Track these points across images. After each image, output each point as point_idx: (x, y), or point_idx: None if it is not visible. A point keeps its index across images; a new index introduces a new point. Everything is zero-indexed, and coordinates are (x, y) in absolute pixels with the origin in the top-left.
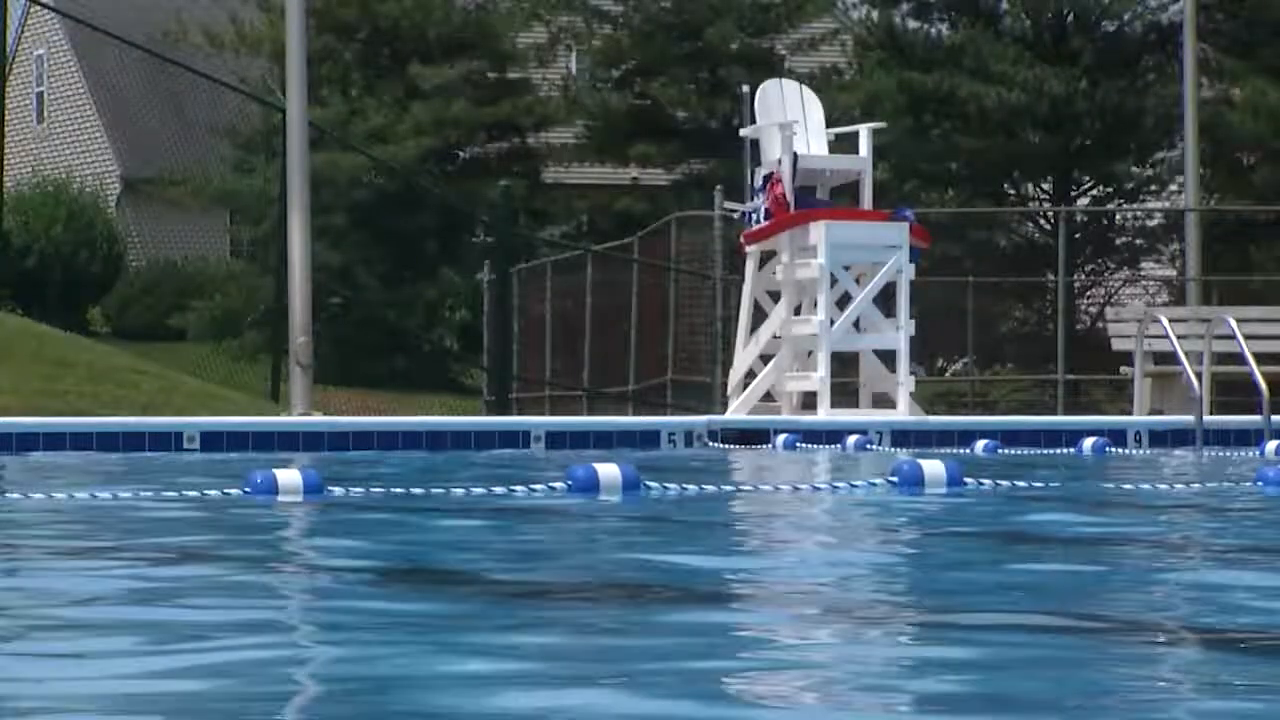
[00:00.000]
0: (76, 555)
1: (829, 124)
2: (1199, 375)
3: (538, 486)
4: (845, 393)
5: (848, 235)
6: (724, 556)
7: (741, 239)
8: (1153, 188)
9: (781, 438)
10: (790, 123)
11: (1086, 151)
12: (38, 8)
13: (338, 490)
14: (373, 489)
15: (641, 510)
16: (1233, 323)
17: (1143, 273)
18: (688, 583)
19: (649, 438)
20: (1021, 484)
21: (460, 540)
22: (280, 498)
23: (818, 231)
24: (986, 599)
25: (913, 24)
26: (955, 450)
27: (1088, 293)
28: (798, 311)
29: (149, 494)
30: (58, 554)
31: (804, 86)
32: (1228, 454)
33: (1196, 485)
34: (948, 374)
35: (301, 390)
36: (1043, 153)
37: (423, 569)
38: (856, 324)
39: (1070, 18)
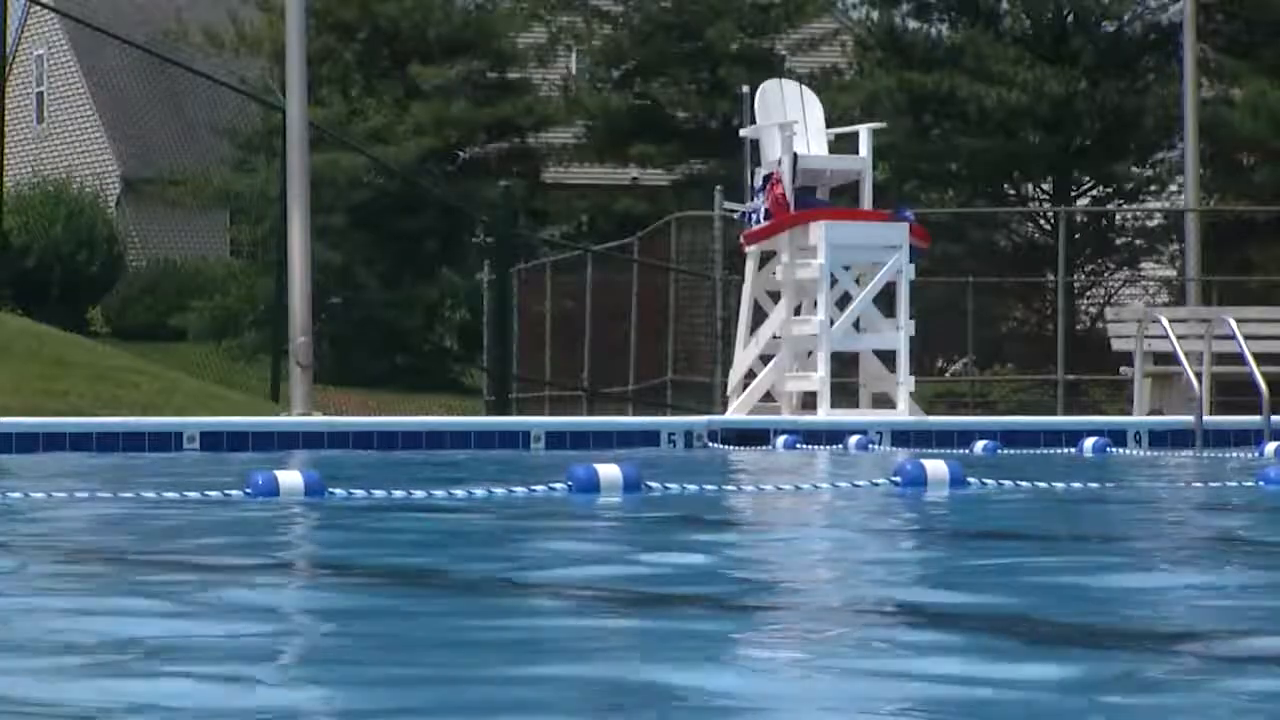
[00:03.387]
0: (76, 557)
1: (829, 124)
2: (1199, 375)
3: (538, 487)
4: (845, 393)
5: (848, 235)
6: (725, 558)
7: (741, 239)
8: (1153, 188)
9: (781, 438)
10: (790, 123)
11: (1086, 151)
12: (38, 8)
13: (339, 492)
14: (373, 490)
15: (642, 511)
16: (1232, 323)
17: (1142, 273)
18: (688, 584)
19: (649, 438)
20: (1025, 484)
21: (461, 542)
22: (281, 499)
23: (818, 231)
24: (987, 600)
25: (913, 24)
26: (955, 450)
27: (1088, 293)
28: (798, 311)
29: (150, 495)
30: (57, 556)
31: (804, 87)
32: (1228, 454)
33: (1197, 485)
34: (948, 374)
35: (301, 390)
36: (1043, 153)
37: (423, 570)
38: (856, 324)
39: (1070, 18)
